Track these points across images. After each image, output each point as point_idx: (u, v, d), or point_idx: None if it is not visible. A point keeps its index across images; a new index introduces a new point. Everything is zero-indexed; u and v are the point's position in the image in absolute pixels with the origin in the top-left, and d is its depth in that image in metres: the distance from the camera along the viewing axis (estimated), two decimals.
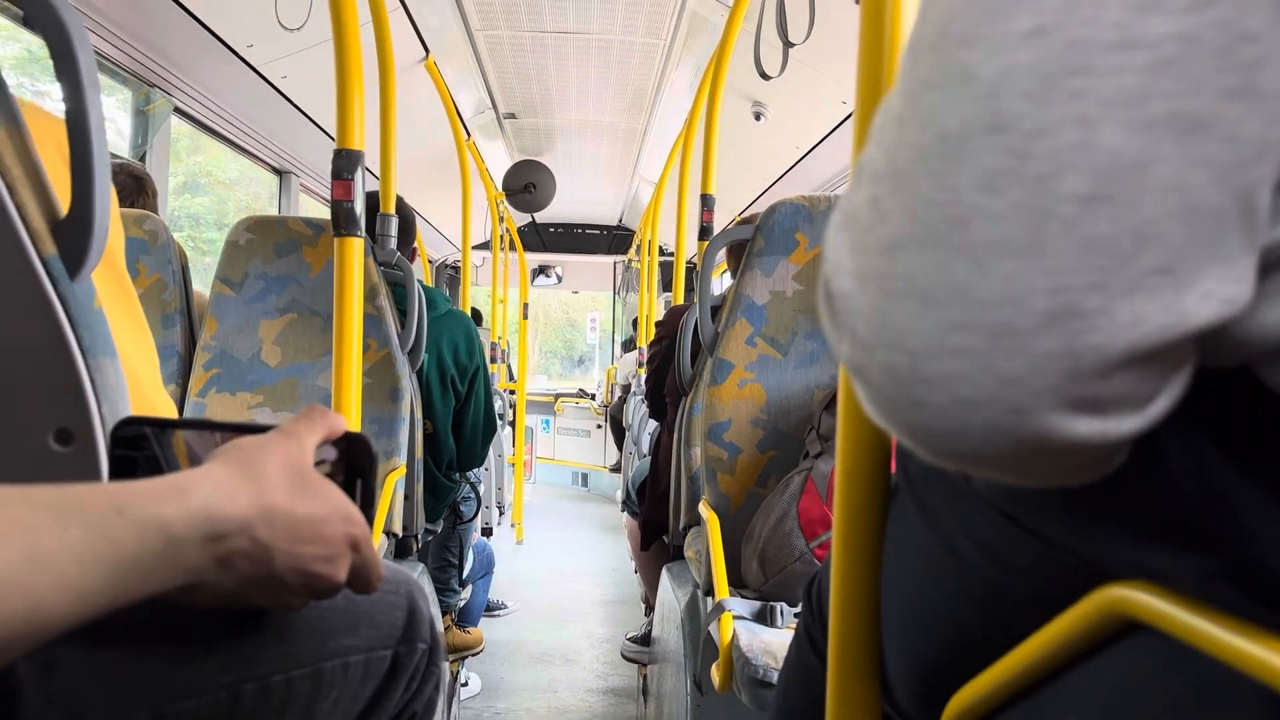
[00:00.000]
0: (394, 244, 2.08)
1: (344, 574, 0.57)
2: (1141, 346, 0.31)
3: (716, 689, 1.35)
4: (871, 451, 0.70)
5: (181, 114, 3.03)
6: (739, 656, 1.29)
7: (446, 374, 2.23)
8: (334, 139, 1.50)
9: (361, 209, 1.53)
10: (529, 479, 7.65)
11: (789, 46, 1.93)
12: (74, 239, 0.71)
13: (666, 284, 7.09)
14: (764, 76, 1.96)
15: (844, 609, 0.69)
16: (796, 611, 1.34)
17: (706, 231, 2.51)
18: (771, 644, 1.30)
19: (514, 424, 5.89)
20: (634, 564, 3.41)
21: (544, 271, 8.29)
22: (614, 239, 8.14)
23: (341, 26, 1.46)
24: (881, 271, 0.35)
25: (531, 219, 7.37)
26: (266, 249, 1.89)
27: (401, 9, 3.21)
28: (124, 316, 0.86)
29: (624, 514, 3.56)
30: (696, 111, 3.06)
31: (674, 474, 2.06)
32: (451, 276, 7.88)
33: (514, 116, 5.05)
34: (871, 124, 0.38)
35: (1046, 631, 0.46)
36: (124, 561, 0.44)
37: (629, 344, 7.01)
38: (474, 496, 2.66)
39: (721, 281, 5.31)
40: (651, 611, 2.72)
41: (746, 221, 1.84)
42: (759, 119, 3.97)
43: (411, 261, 2.31)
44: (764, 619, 1.41)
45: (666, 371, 2.32)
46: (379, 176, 2.15)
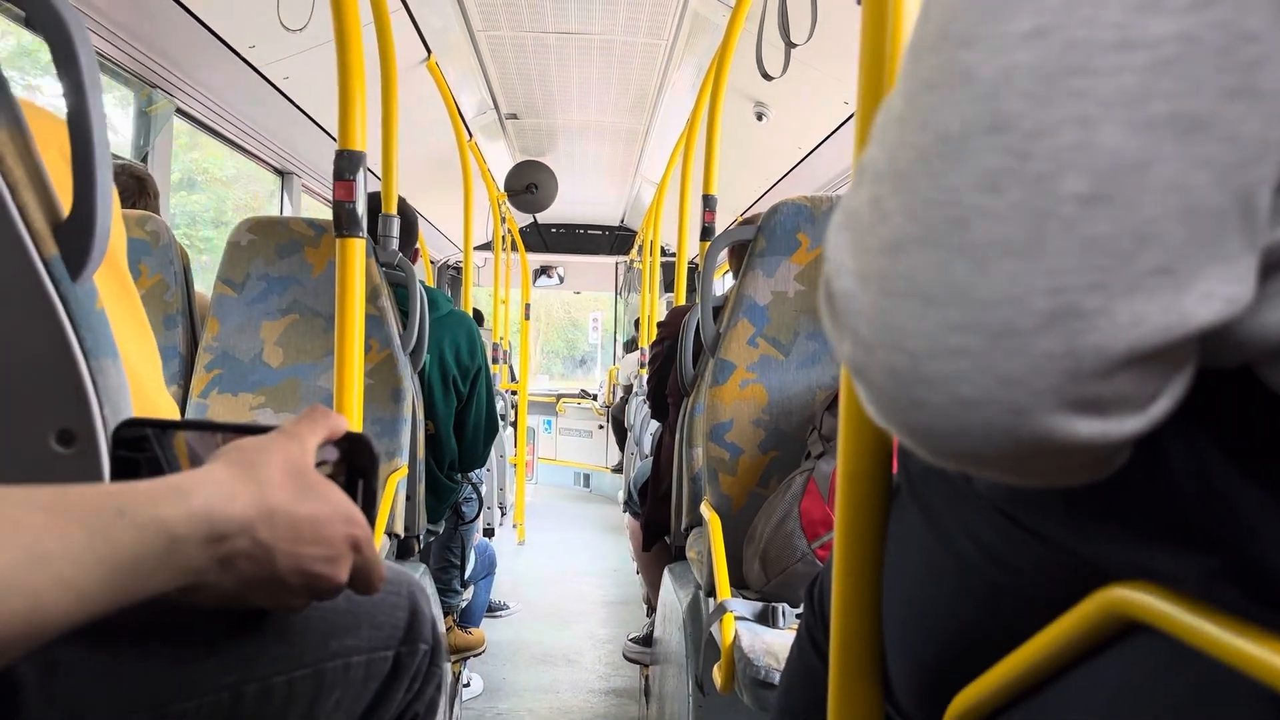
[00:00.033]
0: (396, 244, 2.08)
1: (345, 574, 0.57)
2: (1142, 347, 0.31)
3: (718, 690, 1.35)
4: (873, 452, 0.70)
5: (183, 115, 3.03)
6: (741, 657, 1.29)
7: (448, 375, 2.23)
8: (336, 140, 1.50)
9: (363, 210, 1.53)
10: (531, 480, 7.66)
11: (791, 47, 1.93)
12: (76, 240, 0.71)
13: (668, 284, 7.10)
14: (766, 77, 1.96)
15: (845, 610, 0.68)
16: (798, 612, 1.34)
17: (708, 232, 2.50)
18: (773, 645, 1.30)
19: (516, 424, 5.89)
20: (635, 565, 3.41)
21: (546, 272, 8.29)
22: (616, 239, 8.14)
23: (343, 27, 1.46)
24: (882, 271, 0.35)
25: (533, 219, 7.38)
26: (268, 250, 1.89)
27: (403, 9, 3.21)
28: (126, 317, 0.86)
29: (625, 515, 3.56)
30: (698, 112, 3.06)
31: (676, 475, 2.06)
32: (453, 277, 7.89)
33: (516, 117, 5.05)
34: (873, 124, 0.38)
35: (1048, 632, 0.46)
36: (124, 562, 0.44)
37: (631, 344, 7.01)
38: (476, 497, 2.66)
39: (723, 282, 5.31)
40: (653, 612, 2.72)
41: (748, 222, 1.83)
42: (761, 119, 3.97)
43: (414, 262, 2.31)
44: (766, 620, 1.41)
45: (668, 372, 2.32)
46: (381, 177, 2.15)
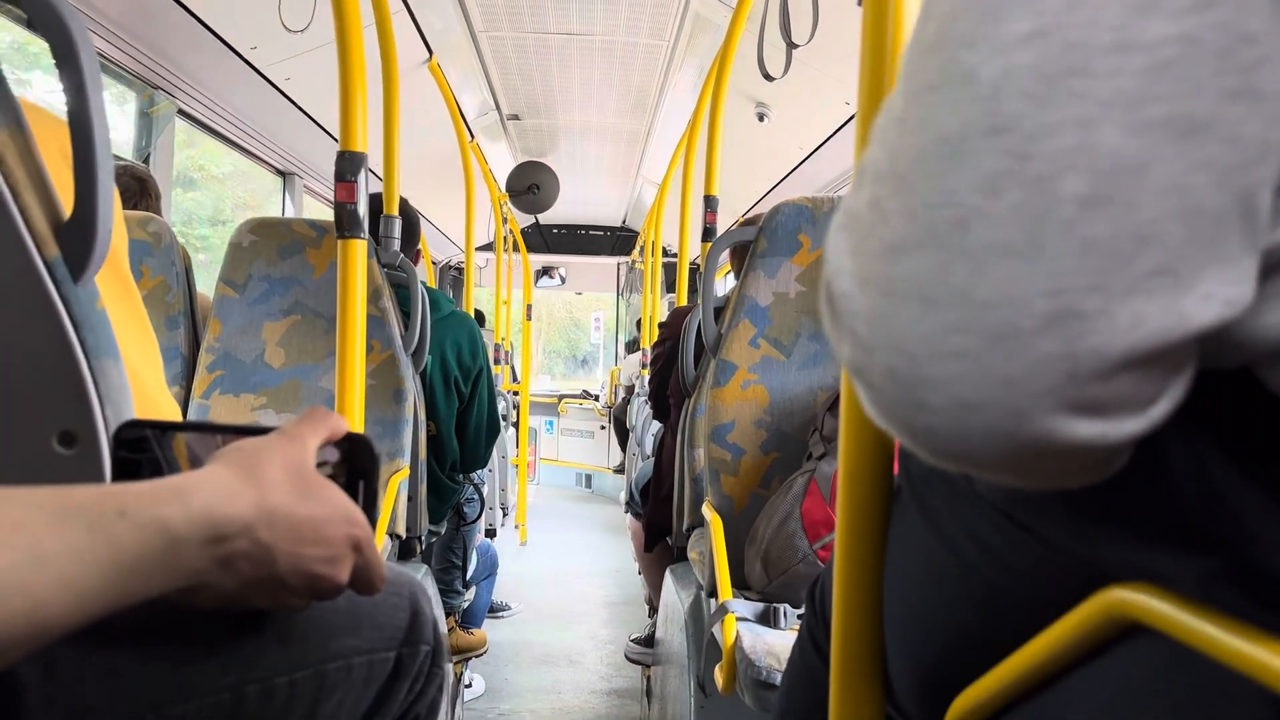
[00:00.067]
0: (397, 245, 2.08)
1: (346, 575, 0.57)
2: (1141, 348, 0.31)
3: (720, 691, 1.35)
4: (874, 453, 0.70)
5: (185, 116, 3.03)
6: (742, 658, 1.29)
7: (450, 375, 2.23)
8: (337, 141, 1.50)
9: (364, 211, 1.53)
10: (533, 480, 7.66)
11: (792, 47, 1.93)
12: (77, 241, 0.71)
13: (670, 285, 7.09)
14: (767, 78, 1.96)
15: (846, 610, 0.68)
16: (800, 613, 1.34)
17: (710, 233, 2.50)
18: (775, 646, 1.29)
19: (518, 425, 5.89)
20: (637, 565, 3.41)
21: (548, 273, 8.30)
22: (617, 240, 8.14)
23: (345, 28, 1.46)
24: (882, 273, 0.35)
25: (535, 220, 7.38)
26: (270, 251, 1.89)
27: (405, 10, 3.21)
28: (127, 318, 0.86)
29: (627, 515, 3.56)
30: (700, 113, 3.06)
31: (677, 475, 2.06)
32: (455, 278, 7.89)
33: (517, 118, 5.06)
34: (873, 125, 0.38)
35: (1049, 634, 0.46)
36: (125, 563, 0.44)
37: (633, 345, 7.01)
38: (477, 498, 2.66)
39: (725, 283, 5.31)
40: (655, 613, 2.72)
41: (750, 223, 1.83)
42: (762, 120, 3.97)
43: (415, 263, 2.31)
44: (767, 620, 1.41)
45: (670, 373, 2.31)
46: (382, 178, 2.15)
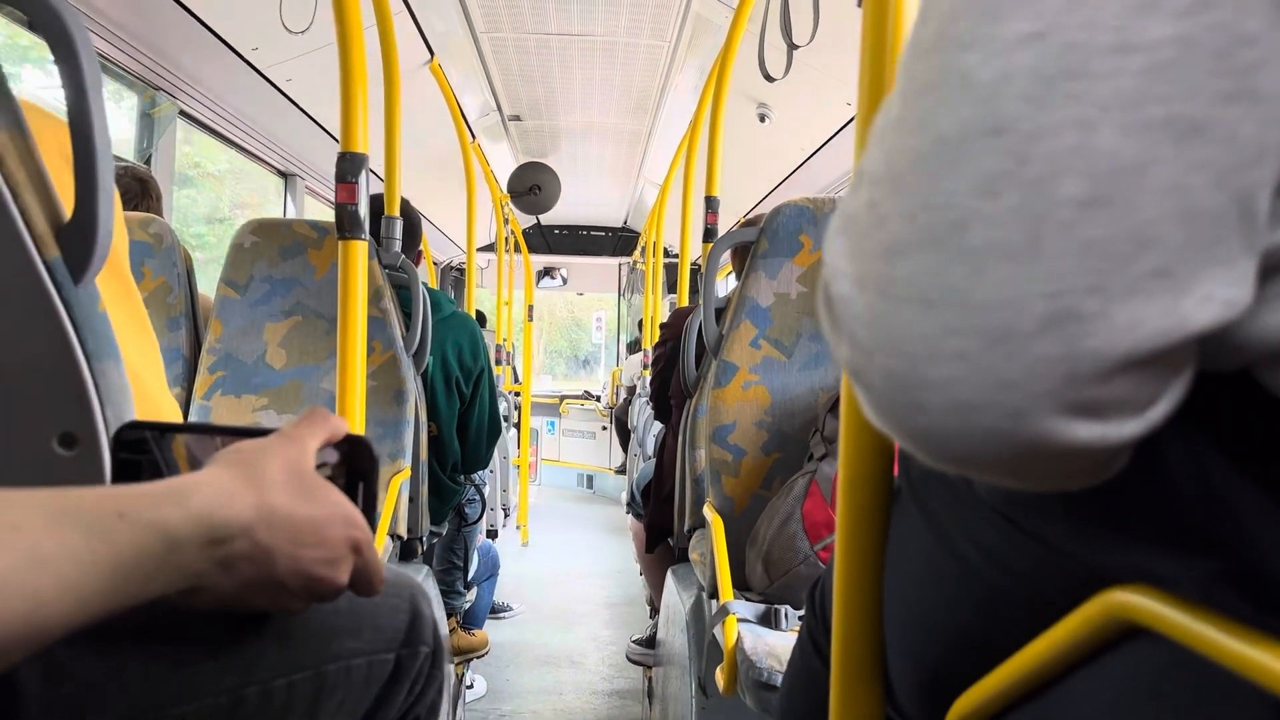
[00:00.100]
0: (399, 246, 2.08)
1: (345, 577, 0.57)
2: (1140, 350, 0.31)
3: (721, 692, 1.35)
4: (874, 454, 0.70)
5: (187, 117, 3.04)
6: (743, 659, 1.28)
7: (451, 376, 2.23)
8: (339, 142, 1.50)
9: (365, 212, 1.53)
10: (534, 481, 7.66)
11: (793, 48, 1.93)
12: (77, 242, 0.71)
13: (671, 286, 7.09)
14: (768, 78, 1.95)
15: (847, 612, 0.68)
16: (801, 614, 1.34)
17: (711, 233, 2.50)
18: (776, 647, 1.29)
19: (519, 426, 5.89)
20: (639, 566, 3.41)
21: (549, 273, 8.30)
22: (619, 241, 8.14)
23: (345, 29, 1.46)
24: (880, 275, 0.35)
25: (536, 221, 7.38)
26: (271, 252, 1.89)
27: (406, 12, 3.21)
28: (128, 320, 0.86)
29: (629, 516, 3.56)
30: (701, 113, 3.06)
31: (678, 476, 2.06)
32: (457, 278, 7.89)
33: (519, 119, 5.06)
34: (871, 127, 0.38)
35: (1049, 635, 0.45)
36: (124, 564, 0.44)
37: (634, 345, 7.01)
38: (479, 499, 2.66)
39: (726, 284, 5.30)
40: (656, 614, 2.72)
41: (751, 223, 1.83)
42: (764, 121, 3.97)
43: (417, 264, 2.31)
44: (768, 622, 1.41)
45: (671, 374, 2.31)
46: (384, 179, 2.15)
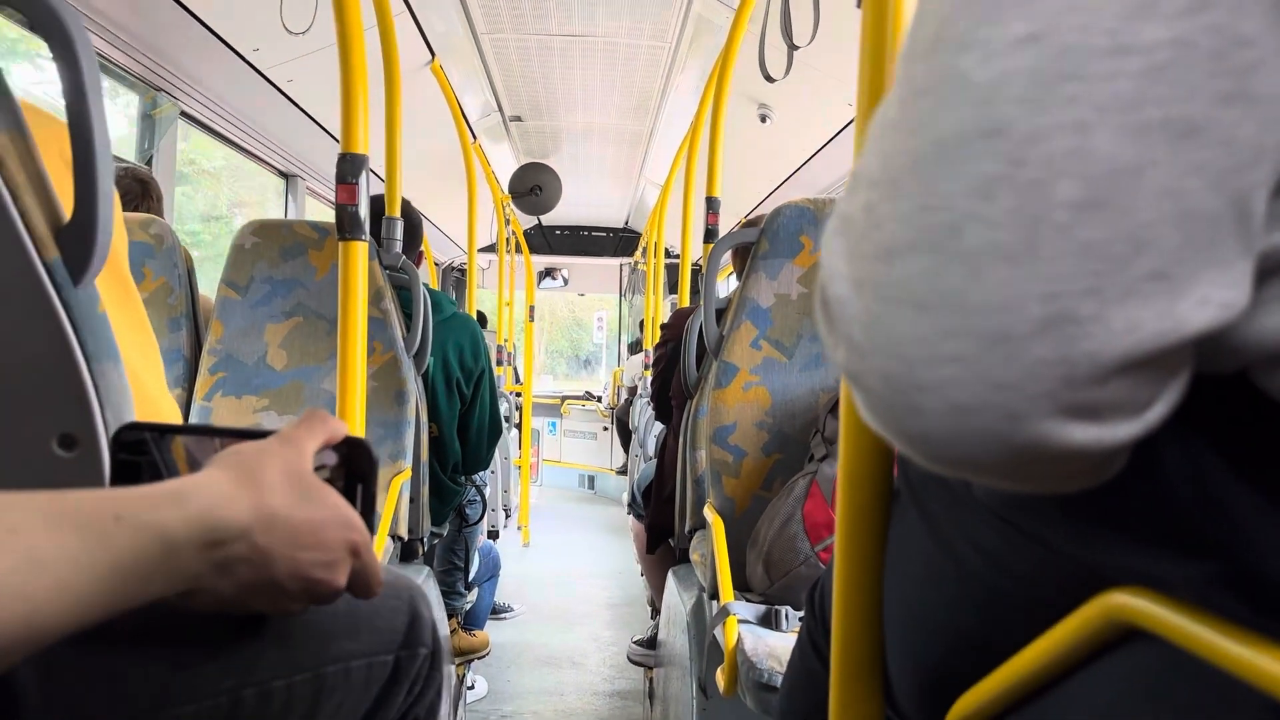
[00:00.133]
0: (399, 247, 2.08)
1: (344, 579, 0.57)
2: (1137, 353, 0.31)
3: (721, 693, 1.35)
4: (874, 455, 0.69)
5: (188, 118, 3.04)
6: (744, 660, 1.28)
7: (452, 377, 2.23)
8: (340, 142, 1.50)
9: (366, 213, 1.53)
10: (535, 482, 7.66)
11: (793, 49, 1.93)
12: (77, 244, 0.71)
13: (672, 286, 7.10)
14: (768, 79, 1.95)
15: (846, 613, 0.68)
16: (801, 615, 1.34)
17: (712, 234, 2.50)
18: (776, 648, 1.29)
19: (520, 426, 5.89)
20: (640, 567, 3.41)
21: (550, 274, 8.30)
22: (620, 241, 8.14)
23: (346, 30, 1.46)
24: (876, 278, 0.35)
25: (538, 221, 7.38)
26: (272, 252, 1.89)
27: (407, 12, 3.21)
28: (127, 321, 0.87)
29: (630, 517, 3.56)
30: (702, 114, 3.06)
31: (679, 477, 2.06)
32: (458, 279, 7.90)
33: (520, 119, 5.06)
34: (868, 129, 0.38)
35: (1048, 637, 0.45)
36: (121, 567, 0.44)
37: (636, 346, 7.01)
38: (479, 499, 2.66)
39: (727, 284, 5.30)
40: (657, 614, 2.72)
41: (752, 224, 1.83)
42: (764, 121, 3.97)
43: (418, 265, 2.31)
44: (769, 623, 1.41)
45: (672, 374, 2.31)
46: (384, 180, 2.15)
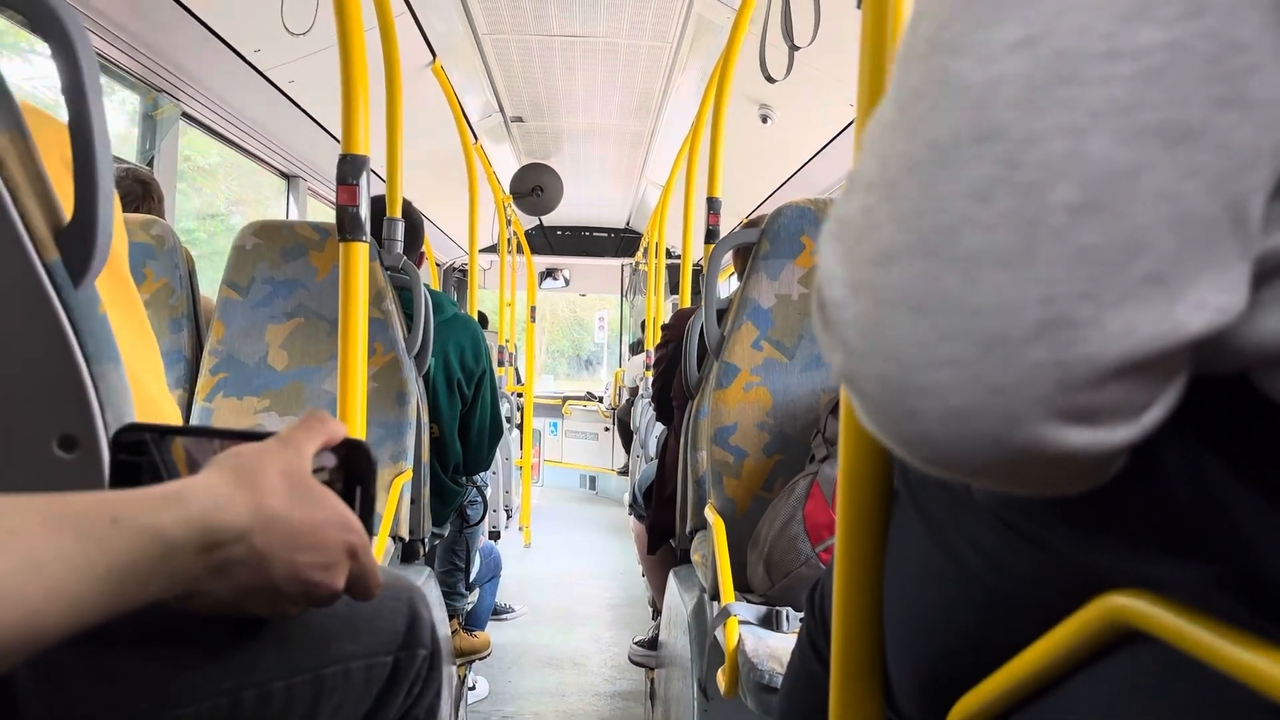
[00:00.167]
0: (400, 248, 2.08)
1: (342, 582, 0.57)
2: (1133, 356, 0.31)
3: (722, 694, 1.35)
4: (874, 456, 0.69)
5: (189, 119, 3.04)
6: (744, 661, 1.28)
7: (453, 378, 2.23)
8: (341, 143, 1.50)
9: (367, 214, 1.53)
10: (537, 482, 7.66)
11: (794, 50, 1.92)
12: (77, 245, 0.71)
13: (674, 287, 7.10)
14: (769, 79, 1.95)
15: (846, 614, 0.68)
16: (802, 616, 1.34)
17: (713, 235, 2.50)
18: (777, 649, 1.29)
19: (522, 427, 5.89)
20: (641, 567, 3.41)
21: (552, 274, 8.30)
22: (621, 242, 8.15)
23: (346, 31, 1.46)
24: (873, 281, 0.35)
25: (539, 222, 7.39)
26: (273, 253, 1.89)
27: (408, 13, 3.21)
28: (128, 322, 0.87)
29: (631, 517, 3.56)
30: (703, 115, 3.06)
31: (680, 478, 2.06)
32: (459, 280, 7.90)
33: (521, 120, 5.06)
34: (865, 132, 0.38)
35: (1048, 639, 0.45)
36: (119, 569, 0.44)
37: (637, 346, 7.01)
38: (480, 500, 2.67)
39: (729, 285, 5.30)
40: (659, 615, 2.72)
41: (753, 224, 1.83)
42: (766, 122, 3.97)
43: (420, 265, 2.31)
44: (770, 624, 1.41)
45: (673, 375, 2.31)
46: (385, 180, 2.15)
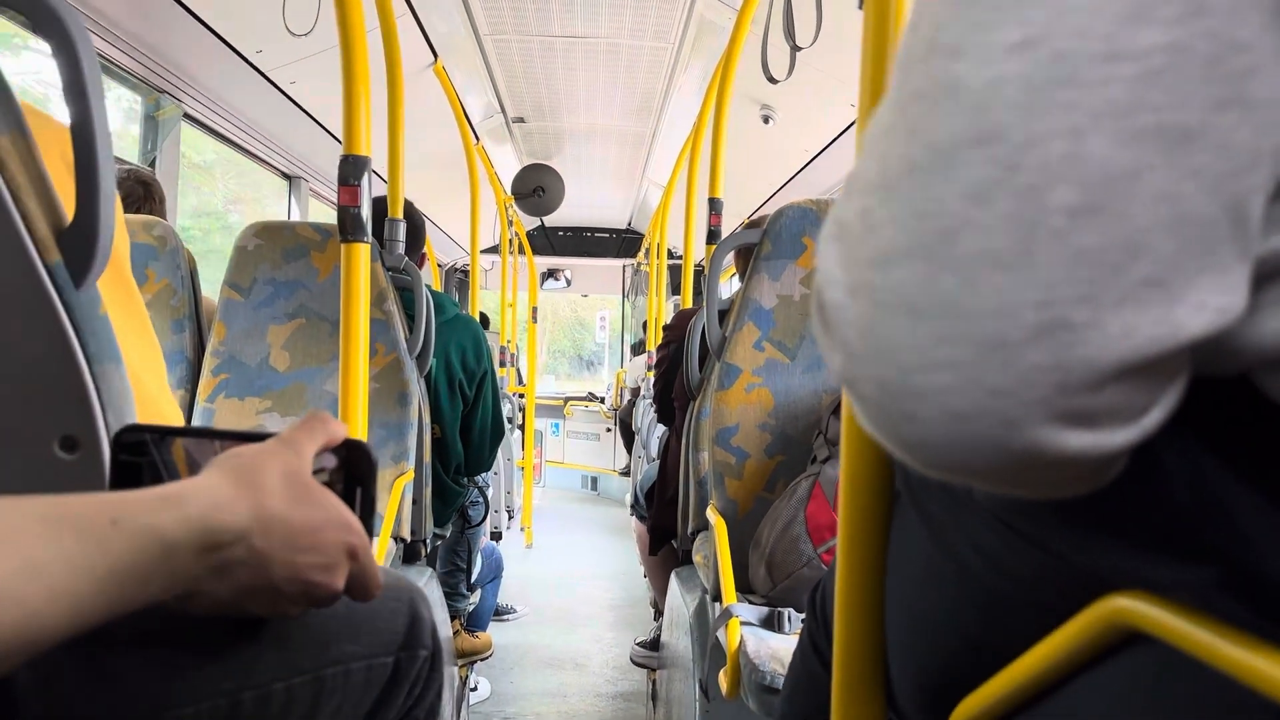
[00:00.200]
0: (402, 249, 2.08)
1: (341, 582, 0.57)
2: (1133, 359, 0.31)
3: (724, 695, 1.35)
4: (876, 457, 0.69)
5: (191, 119, 3.04)
6: (746, 663, 1.28)
7: (454, 378, 2.23)
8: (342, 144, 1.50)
9: (368, 214, 1.53)
10: (539, 483, 7.66)
11: (796, 50, 1.92)
12: (79, 246, 0.71)
13: (675, 287, 7.10)
14: (771, 80, 1.95)
15: (848, 615, 0.68)
16: (804, 617, 1.33)
17: (714, 235, 2.50)
18: (779, 650, 1.29)
19: (523, 427, 5.89)
20: (643, 568, 3.41)
21: (553, 275, 8.30)
22: (623, 242, 8.15)
23: (348, 32, 1.46)
24: (872, 283, 0.35)
25: (540, 222, 7.39)
26: (275, 254, 1.89)
27: (409, 14, 3.22)
28: (129, 323, 0.87)
29: (632, 518, 3.56)
30: (704, 115, 3.06)
31: (682, 478, 2.06)
32: (461, 280, 7.90)
33: (523, 120, 5.06)
34: (864, 134, 0.38)
35: (1049, 641, 0.45)
36: (119, 571, 0.44)
37: (638, 347, 7.01)
38: (482, 501, 2.67)
39: (730, 285, 5.30)
40: (660, 616, 2.72)
41: (754, 225, 1.83)
42: (767, 122, 3.97)
43: (421, 266, 2.31)
44: (771, 625, 1.41)
45: (674, 376, 2.31)
46: (387, 181, 2.15)
